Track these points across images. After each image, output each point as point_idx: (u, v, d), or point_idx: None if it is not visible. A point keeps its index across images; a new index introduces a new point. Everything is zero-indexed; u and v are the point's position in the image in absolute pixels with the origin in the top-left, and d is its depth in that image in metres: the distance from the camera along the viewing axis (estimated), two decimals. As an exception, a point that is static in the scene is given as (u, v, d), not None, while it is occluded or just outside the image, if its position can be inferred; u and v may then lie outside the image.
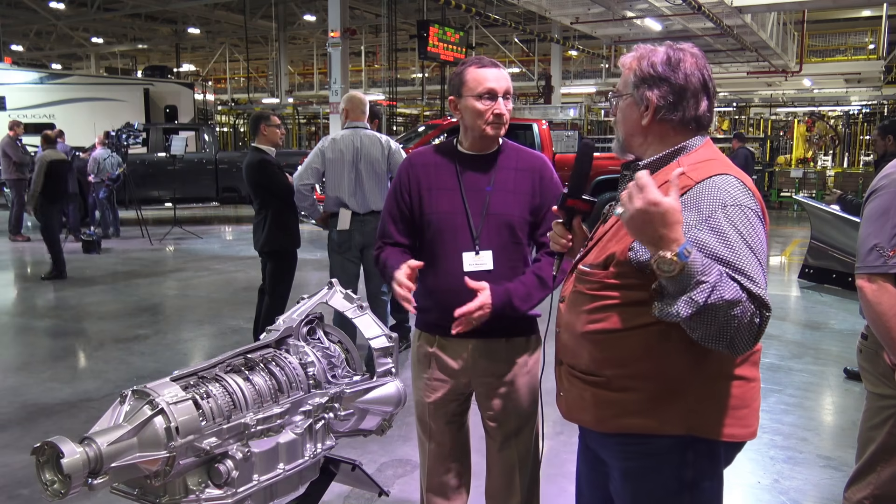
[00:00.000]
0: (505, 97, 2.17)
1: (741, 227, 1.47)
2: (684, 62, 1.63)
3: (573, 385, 1.71)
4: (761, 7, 14.67)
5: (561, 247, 1.81)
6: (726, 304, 1.36)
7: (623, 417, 1.60)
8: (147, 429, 1.63)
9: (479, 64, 2.19)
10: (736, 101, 30.75)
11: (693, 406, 1.57)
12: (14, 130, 11.48)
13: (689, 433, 1.57)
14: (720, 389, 1.59)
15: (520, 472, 2.29)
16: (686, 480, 1.60)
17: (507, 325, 2.21)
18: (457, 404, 2.33)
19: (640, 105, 1.65)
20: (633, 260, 1.54)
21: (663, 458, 1.60)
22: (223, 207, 16.66)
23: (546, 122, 11.94)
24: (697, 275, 1.36)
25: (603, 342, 1.60)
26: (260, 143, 4.94)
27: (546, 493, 2.55)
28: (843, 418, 4.36)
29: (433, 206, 2.23)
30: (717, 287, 1.36)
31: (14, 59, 23.89)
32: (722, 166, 1.59)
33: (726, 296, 1.36)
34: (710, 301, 1.36)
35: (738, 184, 1.54)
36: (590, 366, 1.65)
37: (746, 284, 1.40)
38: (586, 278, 1.65)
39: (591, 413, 1.67)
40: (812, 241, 8.18)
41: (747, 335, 1.40)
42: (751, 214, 1.50)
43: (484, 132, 2.18)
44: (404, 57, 25.83)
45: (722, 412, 1.58)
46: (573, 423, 1.76)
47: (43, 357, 5.49)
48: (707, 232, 1.46)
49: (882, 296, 2.01)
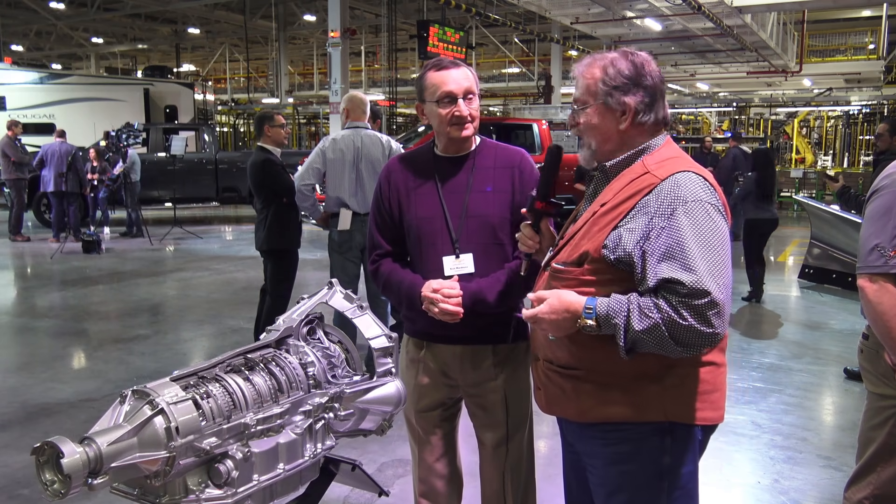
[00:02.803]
0: (466, 97, 2.12)
1: (700, 222, 1.56)
2: (648, 65, 1.70)
3: (552, 380, 1.76)
4: (761, 7, 14.68)
5: (528, 248, 1.90)
6: (645, 332, 1.51)
7: (604, 406, 1.67)
8: (147, 429, 1.63)
9: (437, 66, 2.14)
10: (736, 101, 30.76)
11: (669, 392, 1.65)
12: (13, 130, 11.46)
13: (666, 419, 1.65)
14: (692, 375, 1.67)
15: (513, 478, 2.27)
16: (664, 466, 1.67)
17: (495, 332, 2.19)
18: (444, 409, 2.31)
19: (615, 111, 1.69)
20: (606, 257, 1.61)
21: (643, 443, 1.67)
22: (223, 207, 16.68)
23: (546, 122, 11.95)
24: (611, 319, 1.55)
25: (579, 336, 1.64)
26: (265, 142, 4.95)
27: (546, 493, 2.55)
28: (843, 418, 4.36)
29: (413, 212, 2.21)
30: (629, 325, 1.53)
31: (14, 59, 23.87)
32: (684, 164, 1.67)
33: (639, 326, 1.52)
34: (628, 339, 1.53)
35: (699, 180, 1.62)
36: (568, 360, 1.71)
37: (676, 276, 1.50)
38: (561, 276, 1.70)
39: (573, 405, 1.72)
40: (812, 241, 8.18)
41: (692, 335, 1.50)
42: (710, 209, 1.58)
43: (450, 135, 2.15)
44: (404, 57, 25.82)
45: (695, 397, 1.67)
46: (553, 416, 1.82)
47: (43, 357, 5.49)
48: (664, 233, 1.56)
49: (883, 296, 2.01)
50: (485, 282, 2.13)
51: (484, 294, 2.11)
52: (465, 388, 2.25)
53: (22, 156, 11.54)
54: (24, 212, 11.99)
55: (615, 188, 1.69)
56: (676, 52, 21.25)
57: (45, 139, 12.99)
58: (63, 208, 11.32)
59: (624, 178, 1.68)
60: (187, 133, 13.77)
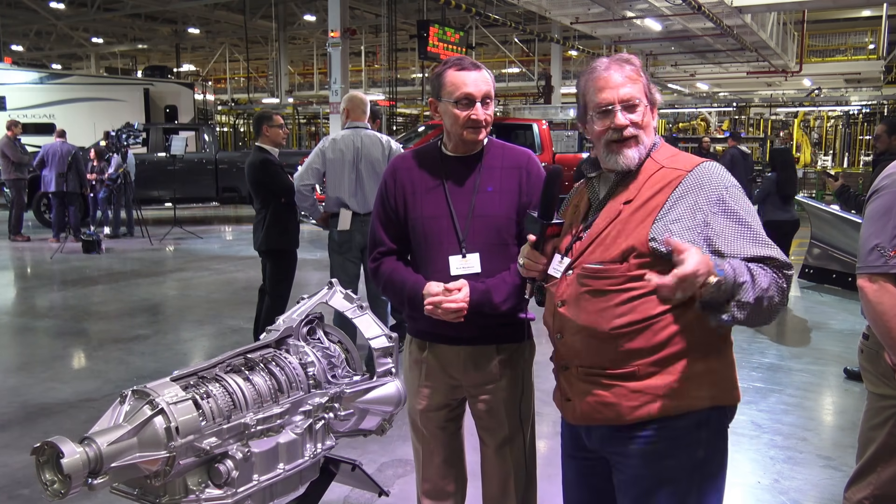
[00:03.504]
0: (484, 102, 2.12)
1: (744, 204, 1.68)
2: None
3: (591, 386, 1.73)
4: (761, 7, 14.68)
5: (536, 272, 1.86)
6: (766, 291, 1.55)
7: (650, 403, 1.67)
8: (147, 429, 1.63)
9: (458, 66, 2.13)
10: (736, 101, 30.75)
11: (718, 375, 1.71)
12: (12, 130, 11.45)
13: (712, 404, 1.69)
14: (728, 354, 1.75)
15: (515, 478, 2.27)
16: (699, 458, 1.70)
17: (498, 332, 2.18)
18: (449, 410, 2.31)
19: (653, 108, 1.78)
20: (656, 249, 1.63)
21: (680, 439, 1.69)
22: (223, 207, 16.67)
23: (546, 122, 11.95)
24: (738, 278, 1.52)
25: (634, 333, 1.66)
26: (263, 143, 4.94)
27: (547, 494, 2.55)
28: (843, 418, 4.36)
29: (419, 210, 2.20)
30: (755, 281, 1.54)
31: (14, 59, 23.87)
32: (692, 156, 1.79)
33: (764, 284, 1.55)
34: (755, 297, 1.53)
35: (721, 169, 1.73)
36: (615, 361, 1.68)
37: (769, 253, 1.60)
38: (600, 275, 1.69)
39: (615, 408, 1.70)
40: (812, 241, 8.18)
41: (782, 302, 1.60)
42: (743, 193, 1.71)
43: (463, 137, 2.15)
44: (404, 57, 25.81)
45: (733, 376, 1.76)
46: (588, 425, 1.78)
47: (43, 357, 5.49)
48: (723, 218, 1.64)
49: (883, 296, 2.01)
50: (492, 282, 2.12)
51: (491, 295, 2.10)
52: (469, 388, 2.25)
53: (21, 156, 11.53)
54: (24, 212, 11.99)
55: (637, 185, 1.73)
56: (676, 52, 21.26)
57: (45, 139, 12.99)
58: (63, 208, 11.32)
59: (642, 176, 1.73)
60: (187, 133, 13.78)
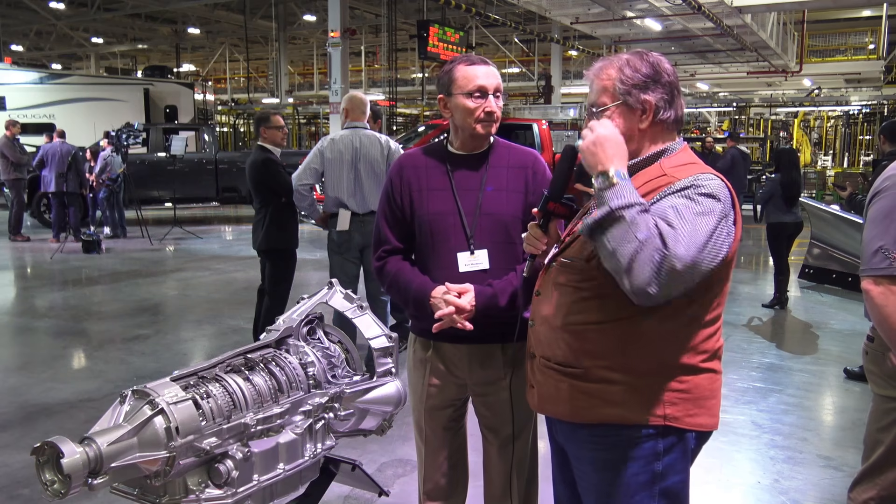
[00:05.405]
0: (495, 95, 2.15)
1: (704, 205, 1.51)
2: (661, 63, 1.70)
3: (547, 378, 1.74)
4: (761, 7, 14.66)
5: (535, 249, 1.83)
6: (632, 223, 1.45)
7: (601, 408, 1.64)
8: (147, 429, 1.63)
9: (468, 61, 2.17)
10: (736, 101, 30.74)
11: (671, 396, 1.62)
12: (10, 130, 11.45)
13: (665, 423, 1.62)
14: (693, 381, 1.65)
15: (517, 477, 2.27)
16: (656, 472, 1.64)
17: (503, 331, 2.17)
18: (452, 409, 2.31)
19: (635, 111, 1.67)
20: None
21: (635, 449, 1.64)
22: (223, 207, 16.67)
23: (546, 122, 11.94)
24: (625, 194, 1.48)
25: (582, 333, 1.65)
26: (264, 142, 4.95)
27: (548, 493, 2.54)
28: (843, 418, 4.36)
29: (425, 208, 2.21)
30: (632, 221, 1.45)
31: (14, 59, 23.87)
32: (704, 168, 1.64)
33: (639, 234, 1.43)
34: (618, 209, 1.46)
35: (719, 181, 1.59)
36: (567, 357, 1.68)
37: (665, 234, 1.45)
38: (568, 270, 1.69)
39: (567, 404, 1.70)
40: (812, 241, 8.18)
41: (649, 267, 1.43)
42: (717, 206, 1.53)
43: (475, 130, 2.16)
44: (404, 57, 25.81)
45: (695, 402, 1.64)
46: (545, 414, 1.79)
47: (43, 357, 5.48)
48: (677, 196, 1.54)
49: (888, 298, 1.99)
50: (498, 285, 2.13)
51: (497, 298, 2.11)
52: (473, 387, 2.25)
53: (20, 156, 11.52)
54: (24, 212, 11.98)
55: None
56: (676, 52, 21.23)
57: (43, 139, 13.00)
58: (63, 208, 11.32)
59: (639, 179, 1.64)
60: (187, 133, 13.77)
